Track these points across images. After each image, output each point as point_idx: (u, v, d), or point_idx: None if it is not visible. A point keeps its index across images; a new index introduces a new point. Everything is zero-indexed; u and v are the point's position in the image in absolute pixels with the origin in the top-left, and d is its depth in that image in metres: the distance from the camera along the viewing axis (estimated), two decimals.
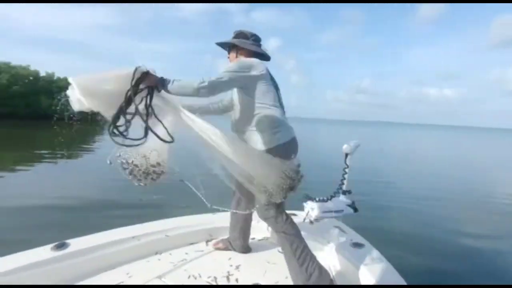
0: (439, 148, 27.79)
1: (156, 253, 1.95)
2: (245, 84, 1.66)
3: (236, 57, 1.85)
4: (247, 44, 1.82)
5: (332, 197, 2.19)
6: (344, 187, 2.20)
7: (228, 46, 1.92)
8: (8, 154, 11.20)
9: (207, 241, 2.18)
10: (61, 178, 7.63)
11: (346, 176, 2.21)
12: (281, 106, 1.77)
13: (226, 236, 2.15)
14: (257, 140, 1.68)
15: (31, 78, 33.21)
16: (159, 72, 1.52)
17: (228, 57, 1.91)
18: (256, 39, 1.86)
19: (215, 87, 1.52)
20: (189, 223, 2.21)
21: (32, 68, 34.29)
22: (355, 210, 2.18)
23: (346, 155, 2.20)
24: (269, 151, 1.63)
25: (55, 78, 35.60)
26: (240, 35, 1.85)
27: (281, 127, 1.71)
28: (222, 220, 2.20)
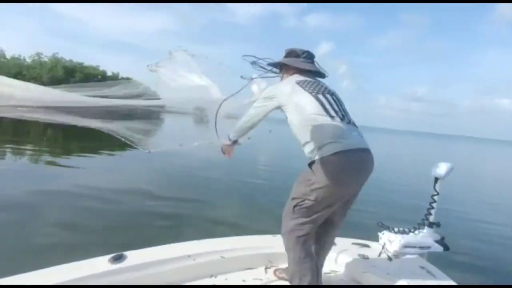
0: None
1: (212, 276, 1.83)
2: (279, 107, 1.67)
3: (286, 76, 1.81)
4: (297, 62, 1.77)
5: (415, 229, 1.81)
6: (431, 218, 1.80)
7: (279, 66, 1.90)
8: (73, 147, 11.63)
9: (266, 268, 1.97)
10: (121, 173, 7.64)
11: (434, 205, 1.81)
12: (329, 114, 1.55)
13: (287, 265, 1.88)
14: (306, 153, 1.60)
15: (99, 77, 37.53)
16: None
17: (281, 77, 1.87)
18: (309, 56, 1.79)
19: (252, 125, 1.74)
20: (247, 244, 2.05)
21: (101, 68, 38.91)
22: (446, 248, 1.77)
23: (436, 179, 1.81)
24: (310, 165, 1.53)
25: (119, 77, 39.29)
26: (291, 53, 1.81)
27: (323, 138, 1.50)
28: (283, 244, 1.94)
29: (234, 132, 1.84)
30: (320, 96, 1.59)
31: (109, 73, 39.38)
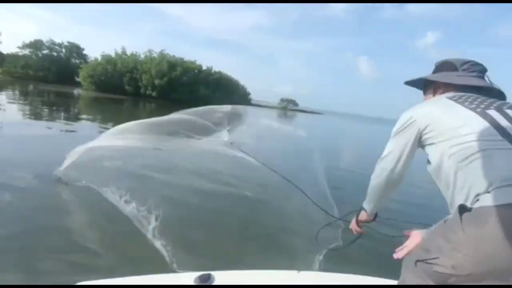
0: None
1: None
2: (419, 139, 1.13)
3: (434, 95, 1.31)
4: (452, 77, 1.23)
5: None
6: None
7: (423, 84, 1.38)
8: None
9: None
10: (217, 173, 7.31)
11: None
12: (508, 138, 0.95)
13: None
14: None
15: (196, 71, 38.54)
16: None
17: (424, 99, 1.38)
18: (473, 68, 1.22)
19: (389, 178, 1.18)
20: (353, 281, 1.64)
21: (197, 63, 41.04)
22: None
23: None
24: (461, 213, 0.91)
25: (212, 71, 42.48)
26: (443, 66, 1.29)
27: (495, 176, 0.90)
28: None
29: (368, 201, 1.33)
30: (492, 112, 1.02)
31: (204, 67, 41.82)
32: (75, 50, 45.68)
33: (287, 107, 75.29)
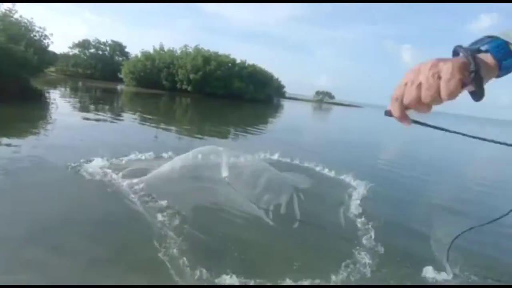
0: None
1: None
2: None
3: None
4: None
5: None
6: None
7: None
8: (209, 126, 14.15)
9: None
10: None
11: None
12: None
13: None
14: None
15: (230, 64, 38.86)
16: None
17: None
18: None
19: None
20: None
21: (231, 56, 41.09)
22: None
23: None
24: None
25: (246, 64, 42.00)
26: None
27: None
28: None
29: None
30: None
31: (238, 61, 41.65)
32: (118, 48, 48.35)
33: (323, 100, 73.25)
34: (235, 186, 5.04)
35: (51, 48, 25.47)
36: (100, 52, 47.24)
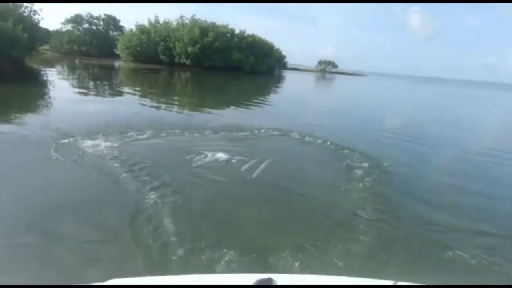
0: None
1: None
2: None
3: None
4: None
5: None
6: None
7: None
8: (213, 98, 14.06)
9: None
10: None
11: None
12: None
13: None
14: None
15: (228, 35, 37.44)
16: None
17: None
18: None
19: None
20: None
21: (230, 26, 39.10)
22: None
23: None
24: None
25: (245, 34, 39.87)
26: None
27: None
28: None
29: None
30: None
31: (237, 31, 39.80)
32: (111, 22, 46.57)
33: (325, 70, 71.35)
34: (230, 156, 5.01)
35: (43, 25, 24.71)
36: (94, 27, 45.62)
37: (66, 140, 5.25)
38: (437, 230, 3.35)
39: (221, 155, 4.99)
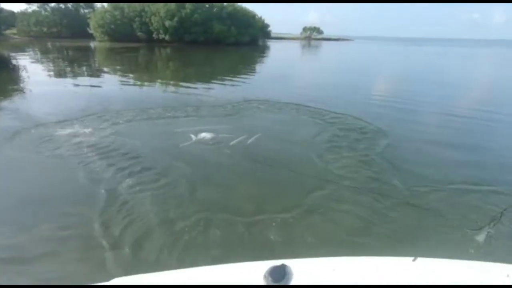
0: None
1: None
2: None
3: None
4: None
5: None
6: None
7: None
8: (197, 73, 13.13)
9: None
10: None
11: None
12: None
13: None
14: None
15: (207, 6, 35.50)
16: None
17: None
18: None
19: None
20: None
21: None
22: None
23: None
24: None
25: (224, 4, 37.58)
26: None
27: None
28: None
29: None
30: None
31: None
32: None
33: (311, 37, 69.46)
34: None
35: (7, 7, 22.77)
36: (63, 6, 42.55)
37: (41, 129, 4.94)
38: (430, 195, 3.34)
39: (206, 134, 4.80)
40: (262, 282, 1.00)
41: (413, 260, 1.10)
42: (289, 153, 4.38)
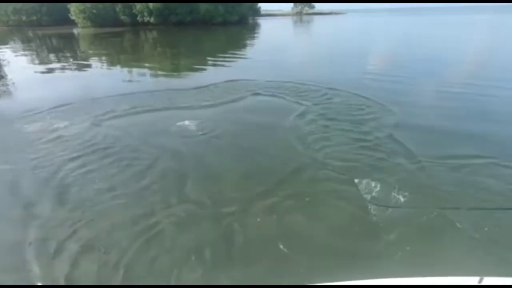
0: None
1: None
2: None
3: None
4: None
5: None
6: None
7: None
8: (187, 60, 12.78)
9: None
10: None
11: None
12: None
13: None
14: None
15: None
16: None
17: None
18: None
19: None
20: None
21: None
22: None
23: None
24: None
25: None
26: None
27: None
28: None
29: None
30: None
31: None
32: None
33: (302, 12, 67.49)
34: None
35: None
36: None
37: (26, 125, 4.75)
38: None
39: (190, 122, 4.67)
40: None
41: (479, 281, 0.93)
42: (273, 135, 4.26)
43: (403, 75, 7.77)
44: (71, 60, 12.85)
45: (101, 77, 9.06)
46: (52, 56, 14.01)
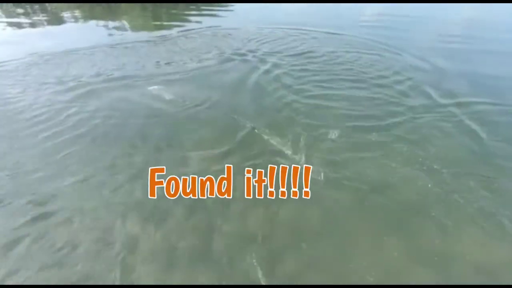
0: None
1: None
2: None
3: None
4: None
5: None
6: None
7: None
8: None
9: None
10: None
11: None
12: None
13: None
14: None
15: None
16: None
17: None
18: None
19: None
20: None
21: None
22: None
23: None
24: None
25: None
26: None
27: None
28: None
29: None
30: None
31: None
32: None
33: None
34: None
35: None
36: None
37: None
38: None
39: (161, 87, 4.22)
40: None
41: None
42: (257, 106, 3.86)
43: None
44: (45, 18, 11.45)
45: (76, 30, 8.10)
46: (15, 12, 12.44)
